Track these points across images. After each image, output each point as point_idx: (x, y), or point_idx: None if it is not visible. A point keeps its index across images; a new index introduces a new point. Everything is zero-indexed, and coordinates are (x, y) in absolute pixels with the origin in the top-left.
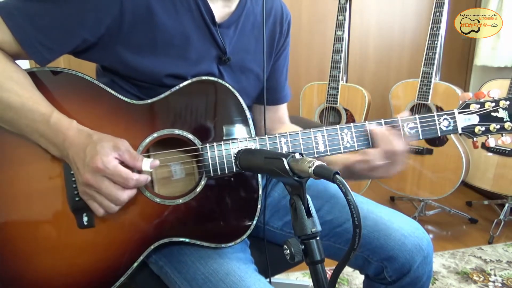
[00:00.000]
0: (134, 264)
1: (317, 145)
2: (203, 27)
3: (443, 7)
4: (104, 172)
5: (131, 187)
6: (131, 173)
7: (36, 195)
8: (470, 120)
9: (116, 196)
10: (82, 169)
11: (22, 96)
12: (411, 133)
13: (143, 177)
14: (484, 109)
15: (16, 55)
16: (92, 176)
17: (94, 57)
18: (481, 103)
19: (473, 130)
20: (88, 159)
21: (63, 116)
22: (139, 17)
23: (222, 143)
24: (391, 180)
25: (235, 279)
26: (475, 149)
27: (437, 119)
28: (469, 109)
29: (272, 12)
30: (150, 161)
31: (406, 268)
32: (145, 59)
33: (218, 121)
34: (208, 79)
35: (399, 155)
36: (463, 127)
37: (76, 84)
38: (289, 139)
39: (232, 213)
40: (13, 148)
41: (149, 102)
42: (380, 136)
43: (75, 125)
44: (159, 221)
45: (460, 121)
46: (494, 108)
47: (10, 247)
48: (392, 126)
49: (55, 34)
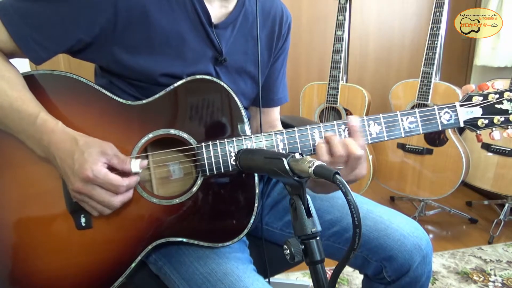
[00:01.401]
0: (132, 264)
1: (314, 142)
2: (199, 27)
3: (443, 7)
4: (94, 181)
5: (122, 193)
6: (121, 179)
7: (35, 197)
8: (473, 113)
9: (108, 202)
10: (72, 178)
11: (11, 96)
12: (411, 127)
13: (132, 180)
14: (488, 101)
15: (11, 53)
16: (83, 185)
17: (90, 57)
18: (484, 95)
19: (476, 123)
20: (77, 168)
21: (50, 117)
22: (134, 17)
23: (218, 142)
24: (391, 180)
25: (233, 279)
26: (478, 142)
27: (437, 113)
28: (472, 101)
29: (271, 13)
30: (138, 162)
31: (405, 268)
32: (141, 59)
33: (213, 120)
34: (203, 77)
35: (354, 159)
36: (465, 120)
37: (71, 86)
38: (285, 136)
39: (229, 212)
40: (11, 150)
41: (144, 103)
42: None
43: (60, 126)
44: (157, 221)
45: (462, 114)
46: (498, 100)
47: (9, 249)
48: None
49: (50, 33)
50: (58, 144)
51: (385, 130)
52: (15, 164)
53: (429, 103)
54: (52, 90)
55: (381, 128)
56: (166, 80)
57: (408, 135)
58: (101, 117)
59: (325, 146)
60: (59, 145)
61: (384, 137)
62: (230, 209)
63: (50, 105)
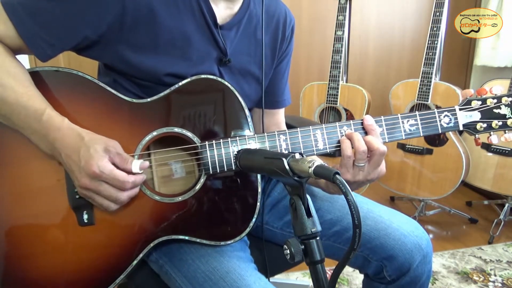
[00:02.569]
0: (133, 262)
1: (316, 142)
2: (204, 28)
3: (443, 7)
4: (100, 177)
5: (128, 189)
6: (127, 175)
7: (38, 193)
8: (472, 117)
9: (116, 197)
10: (78, 174)
11: (17, 92)
12: (412, 130)
13: (138, 178)
14: (486, 105)
15: (18, 49)
16: (89, 181)
17: (95, 54)
18: (482, 99)
19: (475, 127)
20: (83, 164)
21: (56, 113)
22: (141, 16)
23: (221, 141)
24: (391, 180)
25: (235, 277)
26: (477, 146)
27: (437, 116)
28: (470, 105)
29: (275, 16)
30: (139, 162)
31: (406, 268)
32: (146, 58)
33: (217, 119)
34: (207, 77)
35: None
36: (464, 123)
37: (76, 83)
38: (288, 137)
39: (231, 211)
40: (14, 146)
41: (149, 101)
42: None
43: (66, 123)
44: (159, 219)
45: (461, 118)
46: (496, 104)
47: (11, 246)
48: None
49: (57, 30)
50: (64, 141)
51: (386, 132)
52: (18, 160)
53: (429, 103)
54: (57, 86)
55: (382, 130)
56: (170, 80)
57: (408, 137)
58: (105, 114)
59: (348, 142)
60: (65, 141)
61: (386, 139)
62: (232, 208)
63: (55, 102)
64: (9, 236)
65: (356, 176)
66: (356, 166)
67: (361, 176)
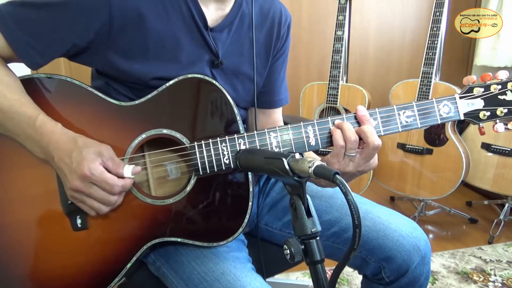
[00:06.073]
0: (127, 265)
1: (308, 139)
2: (195, 31)
3: (443, 7)
4: (91, 179)
5: (117, 193)
6: (117, 179)
7: (31, 199)
8: (474, 105)
9: (106, 198)
10: (69, 175)
11: (10, 99)
12: (409, 121)
13: (127, 182)
14: (489, 92)
15: (9, 58)
16: (80, 183)
17: (86, 60)
18: (485, 86)
19: (478, 116)
20: (75, 165)
21: (48, 119)
22: (129, 22)
23: (210, 141)
24: (391, 180)
25: (230, 279)
26: (481, 135)
27: (436, 105)
28: (472, 93)
29: (270, 14)
30: (131, 168)
31: (404, 269)
32: (136, 63)
33: (205, 119)
34: (194, 76)
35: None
36: (466, 112)
37: (65, 89)
38: (279, 134)
39: (223, 212)
40: (8, 153)
41: (137, 103)
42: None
43: (59, 128)
44: (151, 221)
45: (462, 106)
46: (501, 90)
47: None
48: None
49: (46, 39)
50: (58, 144)
51: (381, 125)
52: (12, 167)
53: None
54: (49, 93)
55: (377, 123)
56: (161, 84)
57: (405, 129)
58: (95, 118)
59: (340, 132)
60: (58, 144)
61: (381, 132)
62: (224, 209)
63: (48, 108)
64: (4, 242)
65: (346, 167)
66: (347, 156)
67: (351, 167)
